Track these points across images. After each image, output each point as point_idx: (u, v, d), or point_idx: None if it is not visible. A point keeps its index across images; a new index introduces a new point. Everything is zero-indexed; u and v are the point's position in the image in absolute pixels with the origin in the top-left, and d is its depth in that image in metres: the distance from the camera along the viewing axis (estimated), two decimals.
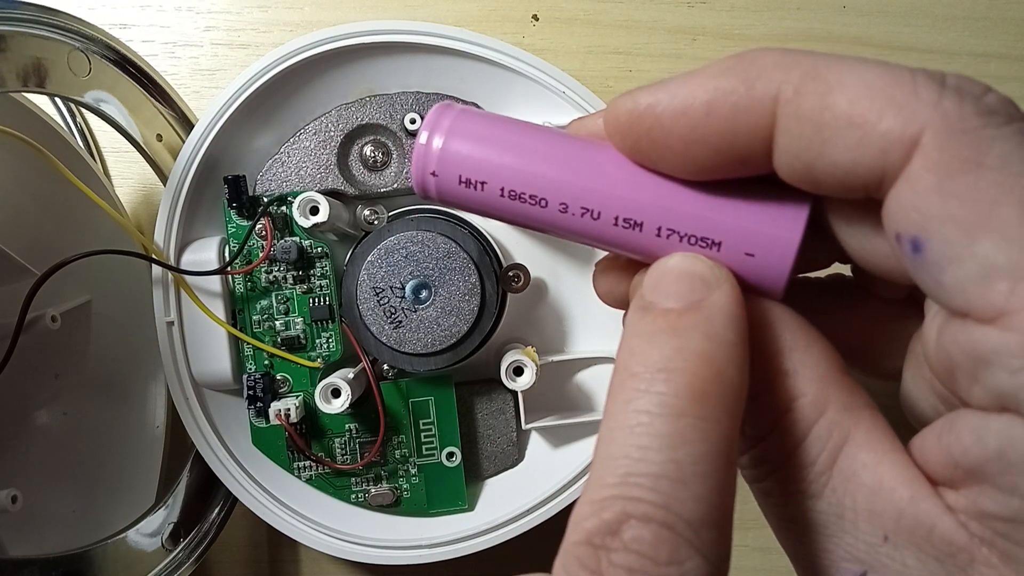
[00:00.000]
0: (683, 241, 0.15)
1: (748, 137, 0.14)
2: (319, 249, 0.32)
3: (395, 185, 0.33)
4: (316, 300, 0.32)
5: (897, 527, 0.13)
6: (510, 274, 0.31)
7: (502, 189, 0.16)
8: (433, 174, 0.16)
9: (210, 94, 0.38)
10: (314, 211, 0.30)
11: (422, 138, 0.16)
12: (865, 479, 0.14)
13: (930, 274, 0.13)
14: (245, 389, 0.31)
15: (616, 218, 0.15)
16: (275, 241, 0.32)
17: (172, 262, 0.32)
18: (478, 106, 0.33)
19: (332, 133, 0.32)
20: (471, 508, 0.34)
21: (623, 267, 0.18)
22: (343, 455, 0.33)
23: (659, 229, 0.15)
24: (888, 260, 0.15)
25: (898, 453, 0.14)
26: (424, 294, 0.31)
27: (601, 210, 0.15)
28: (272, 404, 0.31)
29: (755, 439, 0.15)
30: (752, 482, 0.15)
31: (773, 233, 0.15)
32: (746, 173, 0.15)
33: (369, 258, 0.31)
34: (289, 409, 0.31)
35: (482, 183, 0.16)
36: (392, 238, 0.31)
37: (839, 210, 0.15)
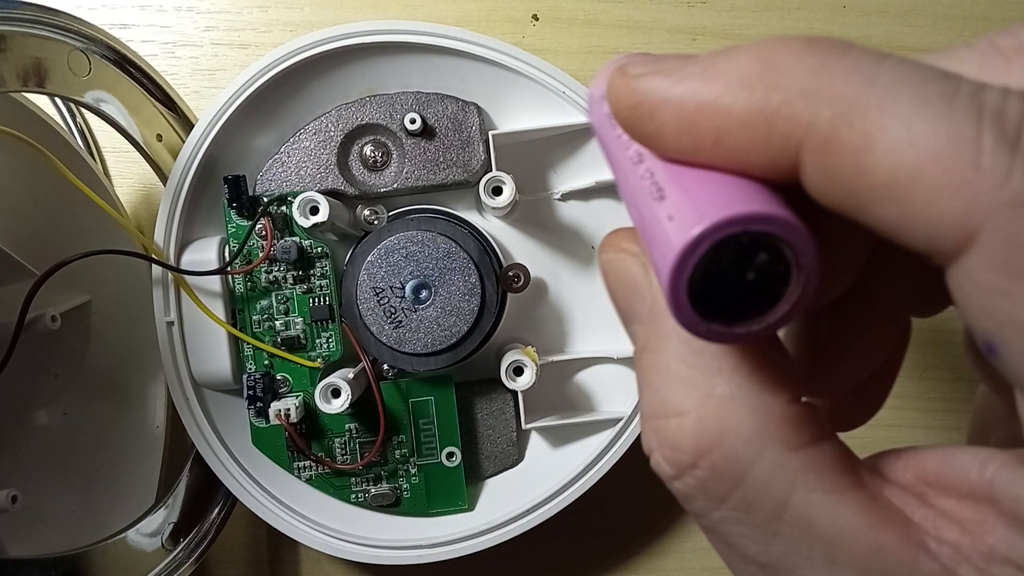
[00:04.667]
0: (645, 182, 0.13)
1: (765, 171, 0.12)
2: (319, 249, 0.32)
3: (395, 185, 0.33)
4: (316, 300, 0.32)
5: None
6: (510, 274, 0.31)
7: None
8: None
9: (210, 94, 0.38)
10: (314, 211, 0.30)
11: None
12: (821, 528, 0.12)
13: (1012, 376, 0.11)
14: (245, 389, 0.31)
15: (637, 151, 0.14)
16: (275, 241, 0.32)
17: (172, 262, 0.32)
18: (478, 106, 0.33)
19: (332, 133, 0.32)
20: (471, 508, 0.34)
21: None
22: (343, 455, 0.33)
23: (650, 173, 0.13)
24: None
25: (858, 492, 0.12)
26: (424, 294, 0.31)
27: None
28: (272, 404, 0.31)
29: (684, 467, 0.13)
30: (698, 516, 0.13)
31: (699, 210, 0.11)
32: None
33: (369, 258, 0.31)
34: (289, 409, 0.31)
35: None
36: (392, 238, 0.31)
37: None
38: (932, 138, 0.10)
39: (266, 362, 0.32)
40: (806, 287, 0.11)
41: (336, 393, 0.30)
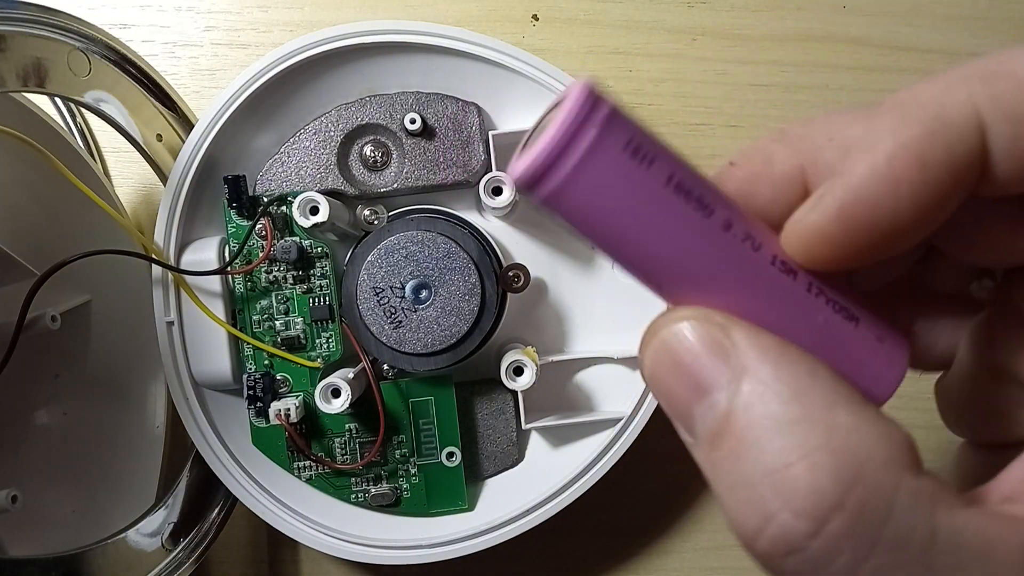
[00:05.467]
0: (828, 304, 0.14)
1: (966, 166, 0.12)
2: (319, 249, 0.32)
3: (395, 185, 0.33)
4: (316, 300, 0.32)
5: None
6: (510, 274, 0.31)
7: (671, 175, 0.13)
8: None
9: (210, 94, 0.38)
10: (314, 211, 0.30)
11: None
12: (972, 545, 0.12)
13: None
14: (245, 389, 0.31)
15: (775, 257, 0.14)
16: (275, 241, 0.32)
17: (172, 262, 0.32)
18: (478, 106, 0.33)
19: (332, 133, 0.32)
20: (471, 508, 0.34)
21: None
22: (343, 455, 0.33)
23: (810, 285, 0.14)
24: None
25: (980, 502, 0.12)
26: (424, 294, 0.31)
27: (764, 242, 0.14)
28: (272, 404, 0.31)
29: (828, 512, 0.12)
30: None
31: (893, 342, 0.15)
32: (962, 199, 0.13)
33: (369, 258, 0.31)
34: (289, 409, 0.31)
35: (652, 157, 0.13)
36: (392, 238, 0.31)
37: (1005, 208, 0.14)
38: None
39: (266, 362, 0.32)
40: None
41: (336, 393, 0.30)
